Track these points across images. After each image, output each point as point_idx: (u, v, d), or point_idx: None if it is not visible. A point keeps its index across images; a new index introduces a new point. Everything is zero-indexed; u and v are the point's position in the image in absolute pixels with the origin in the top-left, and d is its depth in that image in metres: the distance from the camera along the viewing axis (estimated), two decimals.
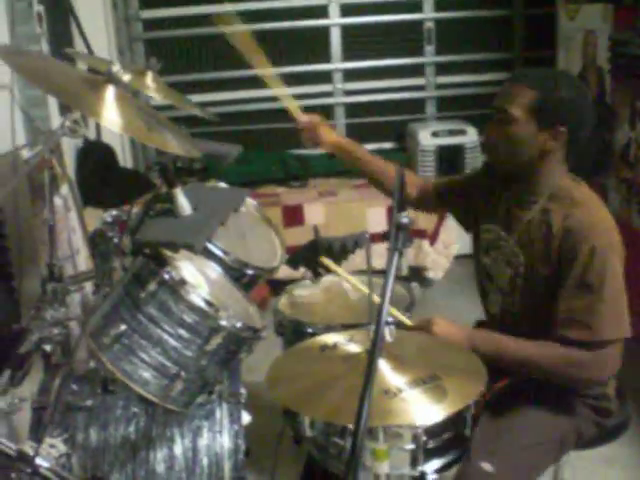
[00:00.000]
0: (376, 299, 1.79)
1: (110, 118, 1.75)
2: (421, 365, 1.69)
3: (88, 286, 2.45)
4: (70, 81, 1.86)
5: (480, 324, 2.43)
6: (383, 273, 1.44)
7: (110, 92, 1.81)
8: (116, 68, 1.78)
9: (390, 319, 1.93)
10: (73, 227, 3.16)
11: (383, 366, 1.62)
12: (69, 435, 1.96)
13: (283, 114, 6.04)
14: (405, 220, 1.46)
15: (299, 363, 1.83)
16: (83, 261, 3.15)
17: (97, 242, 2.13)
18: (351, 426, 1.55)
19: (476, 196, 2.33)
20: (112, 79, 1.80)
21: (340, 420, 1.60)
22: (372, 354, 1.32)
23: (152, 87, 2.50)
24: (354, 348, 1.80)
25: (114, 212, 2.15)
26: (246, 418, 2.10)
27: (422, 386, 1.60)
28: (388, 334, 1.54)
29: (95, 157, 4.57)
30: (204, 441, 2.01)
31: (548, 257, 2.04)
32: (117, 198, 3.97)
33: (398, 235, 1.43)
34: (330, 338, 1.89)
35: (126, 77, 1.81)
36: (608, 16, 4.15)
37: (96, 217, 2.38)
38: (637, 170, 3.96)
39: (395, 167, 1.57)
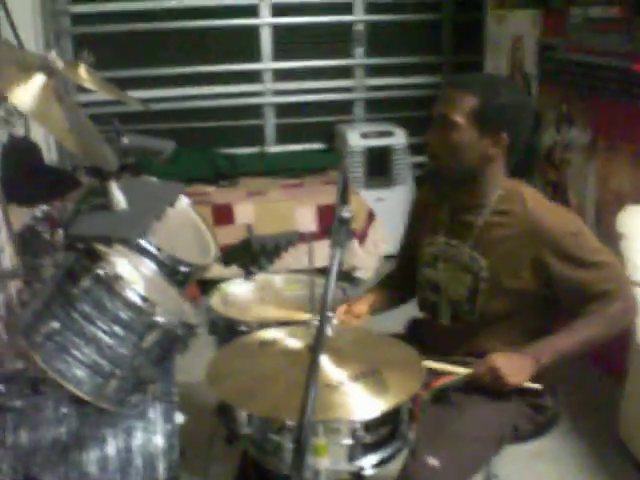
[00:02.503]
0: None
1: (32, 106, 1.69)
2: (361, 359, 1.68)
3: (13, 286, 2.38)
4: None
5: (415, 322, 2.43)
6: (320, 271, 1.43)
7: (40, 81, 1.74)
8: (52, 56, 1.73)
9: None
10: None
11: (324, 360, 1.61)
12: None
13: (212, 112, 5.96)
14: (347, 214, 1.46)
15: (238, 359, 1.80)
16: (8, 260, 3.05)
17: (27, 238, 2.07)
18: (290, 422, 1.54)
19: (421, 216, 2.34)
20: (46, 67, 1.74)
21: (282, 415, 1.58)
22: (315, 349, 1.31)
23: (86, 79, 2.46)
24: (293, 343, 1.78)
25: (44, 207, 2.09)
26: (180, 418, 2.06)
27: (363, 380, 1.60)
28: (329, 328, 1.53)
29: (20, 154, 4.45)
30: (138, 441, 1.96)
31: (517, 255, 2.06)
32: (42, 196, 3.86)
33: (341, 230, 1.43)
34: (268, 334, 1.87)
35: (60, 64, 1.75)
36: (537, 21, 4.24)
37: (20, 215, 2.32)
38: (561, 172, 4.06)
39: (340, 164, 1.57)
